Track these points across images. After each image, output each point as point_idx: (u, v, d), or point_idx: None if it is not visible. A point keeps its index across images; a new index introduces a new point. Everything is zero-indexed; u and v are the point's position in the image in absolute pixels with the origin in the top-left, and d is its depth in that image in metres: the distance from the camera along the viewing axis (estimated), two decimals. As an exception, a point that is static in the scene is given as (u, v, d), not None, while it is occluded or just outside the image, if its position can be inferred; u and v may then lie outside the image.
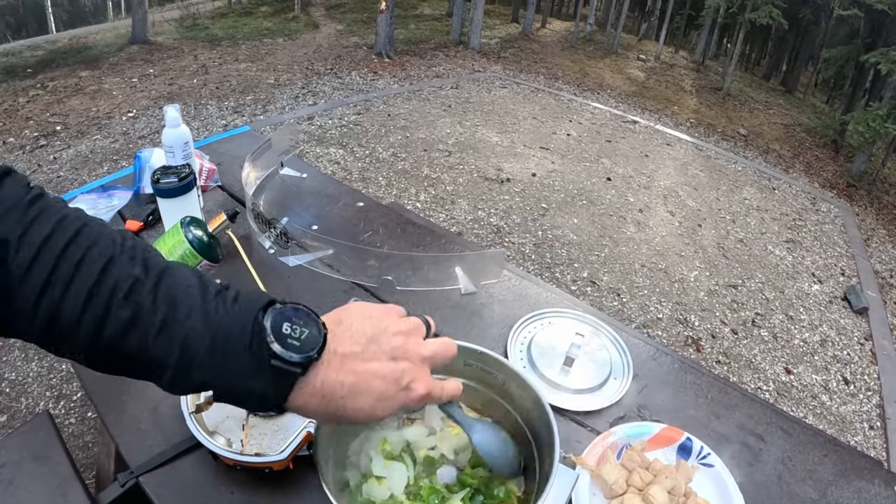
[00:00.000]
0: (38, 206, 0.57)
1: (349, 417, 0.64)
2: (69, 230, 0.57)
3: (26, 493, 1.22)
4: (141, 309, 0.56)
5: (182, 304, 0.57)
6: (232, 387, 0.58)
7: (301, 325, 0.61)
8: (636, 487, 1.07)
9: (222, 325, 0.58)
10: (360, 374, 0.63)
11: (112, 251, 0.58)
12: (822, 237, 6.25)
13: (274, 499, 1.04)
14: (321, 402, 0.62)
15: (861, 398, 3.88)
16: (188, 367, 0.57)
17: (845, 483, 1.18)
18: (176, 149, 1.76)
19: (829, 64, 12.27)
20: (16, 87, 7.32)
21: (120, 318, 0.55)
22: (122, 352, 0.56)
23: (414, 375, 0.67)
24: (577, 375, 1.34)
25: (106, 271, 0.56)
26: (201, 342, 0.57)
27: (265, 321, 0.59)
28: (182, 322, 0.57)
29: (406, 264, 1.59)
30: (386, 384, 0.65)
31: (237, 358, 0.57)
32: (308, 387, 0.60)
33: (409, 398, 0.67)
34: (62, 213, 0.58)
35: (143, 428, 1.16)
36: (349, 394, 0.63)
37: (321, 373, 0.61)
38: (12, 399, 2.89)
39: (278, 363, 0.58)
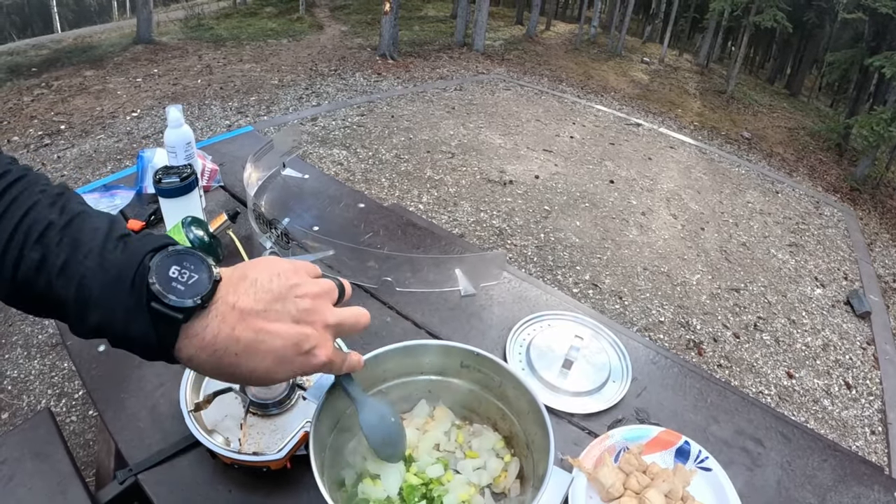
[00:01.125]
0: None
1: (243, 377, 0.62)
2: (7, 180, 0.61)
3: (26, 491, 1.22)
4: (48, 250, 0.57)
5: (83, 246, 0.58)
6: (118, 328, 0.57)
7: (191, 270, 0.59)
8: (633, 491, 1.07)
9: (114, 265, 0.57)
10: (258, 333, 0.61)
11: (37, 198, 0.60)
12: (825, 241, 6.24)
13: (271, 498, 1.05)
14: (212, 356, 0.60)
15: (863, 403, 3.87)
16: (84, 306, 0.57)
17: (844, 488, 1.18)
18: (178, 149, 1.77)
19: (833, 67, 12.25)
20: (20, 87, 7.34)
21: (31, 259, 0.57)
22: (35, 292, 0.58)
23: (317, 342, 0.65)
24: (576, 378, 1.34)
25: (26, 215, 0.59)
26: (94, 280, 0.57)
27: (151, 262, 0.58)
28: (80, 262, 0.57)
29: (406, 266, 1.59)
30: (286, 347, 0.62)
31: (122, 297, 0.57)
32: (196, 338, 0.59)
33: (309, 364, 0.65)
34: (5, 168, 0.62)
35: (142, 426, 1.17)
36: (244, 352, 0.60)
37: (213, 325, 0.59)
38: (14, 397, 2.90)
39: (157, 306, 0.56)
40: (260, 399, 1.10)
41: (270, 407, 1.11)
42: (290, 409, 1.14)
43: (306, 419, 1.01)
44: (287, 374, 0.64)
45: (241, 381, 0.65)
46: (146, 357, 0.60)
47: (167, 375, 1.25)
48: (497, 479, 0.94)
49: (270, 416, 1.11)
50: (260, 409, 1.11)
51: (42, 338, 3.24)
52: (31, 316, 3.12)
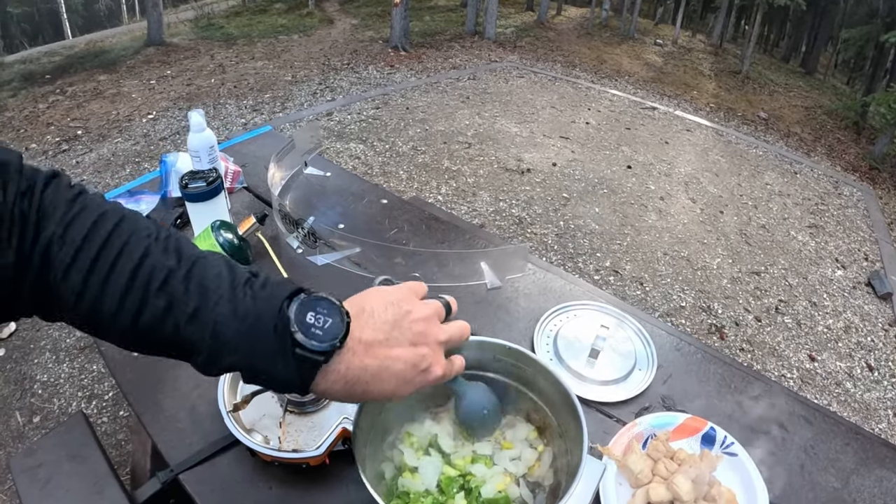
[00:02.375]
0: (79, 203, 0.62)
1: (372, 398, 0.69)
2: (107, 226, 0.61)
3: (63, 492, 1.24)
4: (174, 298, 0.60)
5: (212, 292, 0.61)
6: (258, 370, 0.62)
7: (325, 315, 0.63)
8: (661, 477, 1.09)
9: (250, 313, 0.61)
10: (382, 360, 0.67)
11: (147, 244, 0.62)
12: (844, 222, 6.17)
13: (311, 493, 1.08)
14: (345, 386, 0.66)
15: (885, 385, 3.84)
16: (219, 350, 0.61)
17: (867, 471, 1.19)
18: (202, 153, 1.79)
19: (848, 44, 12.08)
20: (35, 94, 7.39)
21: (156, 307, 0.59)
22: (159, 337, 0.61)
23: (432, 360, 0.72)
24: (603, 367, 1.36)
25: (142, 264, 0.60)
26: (229, 328, 0.60)
27: (289, 311, 0.62)
28: (212, 309, 0.60)
29: (432, 261, 1.61)
30: (406, 368, 0.69)
31: (263, 344, 0.61)
32: (332, 373, 0.64)
33: (426, 379, 0.72)
34: (101, 210, 0.62)
35: (181, 427, 1.20)
36: (372, 378, 0.66)
37: (345, 359, 0.65)
38: (45, 400, 2.95)
39: (302, 352, 0.61)
40: (297, 398, 1.13)
41: (307, 405, 1.14)
42: (327, 406, 1.16)
43: (343, 415, 1.03)
44: (408, 391, 0.71)
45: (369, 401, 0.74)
46: (279, 391, 0.67)
47: (202, 377, 1.28)
48: (531, 469, 0.96)
49: (307, 413, 1.14)
50: (297, 406, 1.14)
51: (70, 341, 3.29)
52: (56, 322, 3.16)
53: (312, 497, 1.07)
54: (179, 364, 1.32)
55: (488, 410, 0.94)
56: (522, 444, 0.99)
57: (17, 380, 3.06)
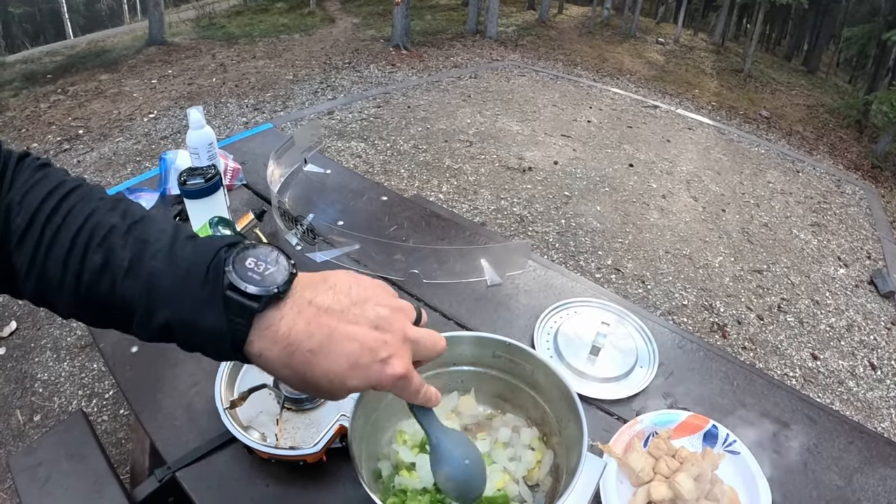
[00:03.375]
0: (40, 172, 0.61)
1: (314, 378, 0.59)
2: (62, 191, 0.60)
3: (63, 491, 1.24)
4: (112, 253, 0.57)
5: (150, 246, 0.58)
6: (188, 322, 0.56)
7: (267, 262, 0.58)
8: (663, 475, 1.08)
9: (185, 261, 0.57)
10: (334, 331, 0.59)
11: (95, 205, 0.60)
12: (847, 220, 6.16)
13: (308, 490, 1.07)
14: (284, 350, 0.57)
15: (888, 383, 3.83)
16: (153, 304, 0.56)
17: (871, 470, 1.19)
18: (201, 150, 1.79)
19: (850, 43, 12.07)
20: (37, 93, 7.40)
21: (94, 262, 0.57)
22: (98, 296, 0.57)
23: (394, 350, 0.62)
24: (604, 364, 1.35)
25: (86, 222, 0.58)
26: (163, 278, 0.56)
27: (227, 254, 0.58)
28: (147, 262, 0.57)
29: (432, 257, 1.60)
30: (362, 350, 0.59)
31: (193, 289, 0.56)
32: (269, 329, 0.57)
33: (384, 373, 0.61)
34: (60, 179, 0.62)
35: (179, 424, 1.19)
36: (318, 348, 0.58)
37: (288, 317, 0.58)
38: (45, 399, 2.95)
39: (232, 294, 0.56)
40: (294, 394, 1.12)
41: (305, 402, 1.13)
42: (324, 403, 1.16)
43: (340, 413, 1.02)
44: (361, 383, 0.61)
45: (313, 386, 0.60)
46: (216, 354, 0.59)
47: (201, 374, 1.28)
48: (531, 472, 0.95)
49: (305, 410, 1.13)
50: (294, 404, 1.13)
51: (71, 340, 3.29)
52: (59, 318, 3.14)
53: (309, 494, 1.06)
54: (178, 362, 1.32)
55: (470, 463, 0.77)
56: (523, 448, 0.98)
57: (18, 378, 3.05)
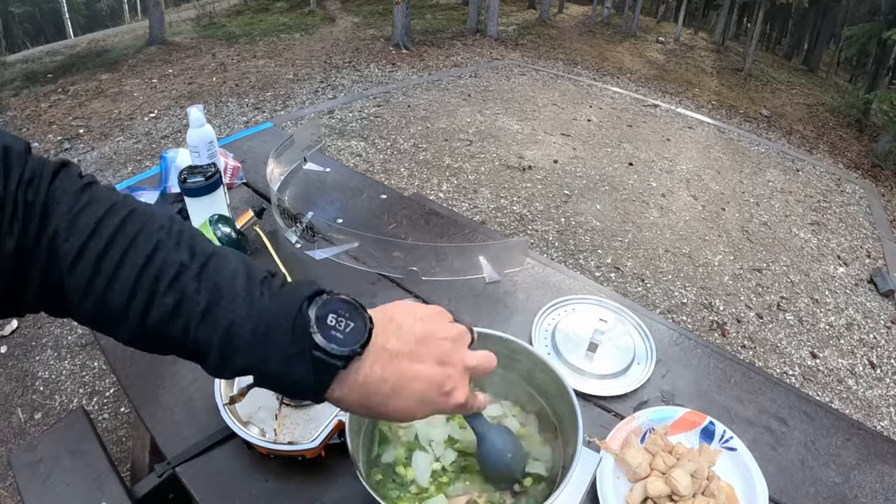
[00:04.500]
0: (87, 194, 0.58)
1: (387, 415, 0.64)
2: (117, 217, 0.58)
3: (64, 487, 1.25)
4: (185, 296, 0.56)
5: (226, 291, 0.58)
6: (272, 373, 0.58)
7: (346, 318, 0.60)
8: (659, 471, 1.09)
9: (266, 313, 0.58)
10: (405, 374, 0.63)
11: (158, 238, 0.58)
12: (847, 219, 6.16)
13: (306, 485, 1.07)
14: (361, 396, 0.61)
15: (888, 382, 3.83)
16: (231, 352, 0.57)
17: (868, 467, 1.19)
18: (201, 148, 1.79)
19: (850, 42, 12.07)
20: (37, 93, 7.42)
21: (165, 304, 0.56)
22: (167, 336, 0.57)
23: (456, 383, 0.67)
24: (601, 361, 1.36)
25: (152, 258, 0.57)
26: (243, 328, 0.57)
27: (310, 310, 0.59)
28: (225, 308, 0.57)
29: (431, 255, 1.61)
30: (429, 387, 0.64)
31: (279, 345, 0.57)
32: (349, 379, 0.60)
33: (447, 404, 0.67)
34: (110, 202, 0.59)
35: (178, 420, 1.20)
36: (392, 392, 0.62)
37: (365, 367, 0.61)
38: (46, 397, 2.95)
39: (320, 354, 0.57)
40: (294, 390, 1.12)
41: (303, 398, 1.14)
42: (323, 399, 1.16)
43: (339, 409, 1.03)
44: (426, 413, 0.66)
45: (383, 419, 0.68)
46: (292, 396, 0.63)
47: (201, 371, 1.28)
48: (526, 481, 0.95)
49: (303, 406, 1.14)
50: (293, 400, 1.13)
51: (72, 338, 3.29)
52: (59, 319, 3.16)
53: (308, 489, 1.07)
54: (178, 360, 1.32)
55: (512, 455, 0.88)
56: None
57: (19, 377, 3.06)
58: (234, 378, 0.61)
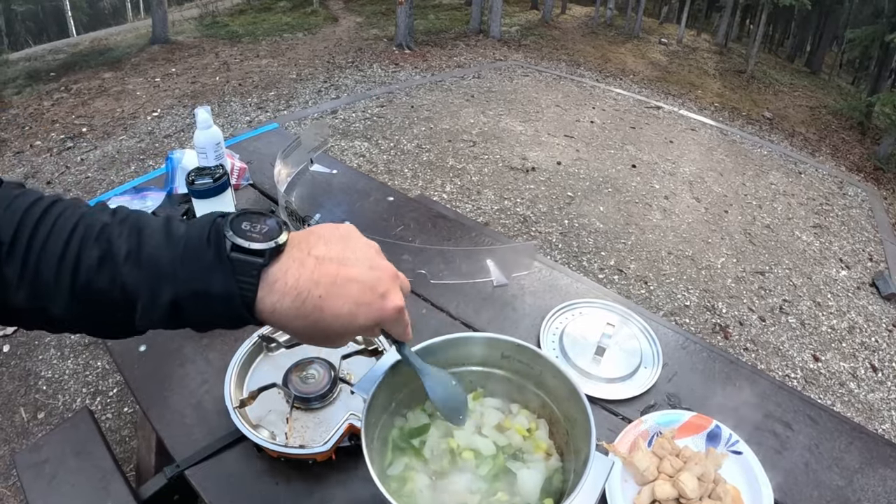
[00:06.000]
0: (18, 191, 0.61)
1: (326, 322, 0.63)
2: (45, 202, 0.61)
3: (69, 488, 1.25)
4: (109, 244, 0.58)
5: (146, 231, 0.60)
6: (197, 293, 0.59)
7: (261, 223, 0.62)
8: (667, 474, 1.10)
9: (183, 236, 0.60)
10: (337, 275, 0.63)
11: (83, 210, 0.61)
12: (849, 222, 6.16)
13: (317, 488, 1.08)
14: (296, 301, 0.61)
15: (889, 385, 3.84)
16: (156, 285, 0.58)
17: (871, 471, 1.20)
18: (208, 150, 1.80)
19: (853, 44, 12.06)
20: (40, 91, 7.42)
21: (91, 257, 0.58)
22: (97, 290, 0.58)
23: (390, 285, 0.67)
24: (608, 365, 1.36)
25: (78, 223, 0.59)
26: (164, 255, 0.59)
27: (223, 221, 0.61)
28: (146, 243, 0.59)
29: (438, 258, 1.62)
30: (363, 289, 0.64)
31: (197, 260, 0.59)
32: (278, 283, 0.60)
33: (385, 308, 0.66)
34: (38, 195, 0.62)
35: (188, 423, 1.20)
36: (326, 293, 0.62)
37: (293, 269, 0.61)
38: (49, 396, 2.95)
39: (237, 254, 0.59)
40: (303, 393, 1.13)
41: (313, 401, 1.15)
42: (333, 402, 1.17)
43: (349, 412, 1.04)
44: (368, 319, 0.65)
45: (325, 331, 0.64)
46: (229, 321, 0.62)
47: (210, 373, 1.29)
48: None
49: (313, 409, 1.15)
50: (304, 403, 1.14)
51: (75, 338, 3.29)
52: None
53: (319, 493, 1.08)
54: (187, 361, 1.33)
55: (456, 383, 0.91)
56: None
57: (22, 376, 3.06)
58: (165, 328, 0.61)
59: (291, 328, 0.64)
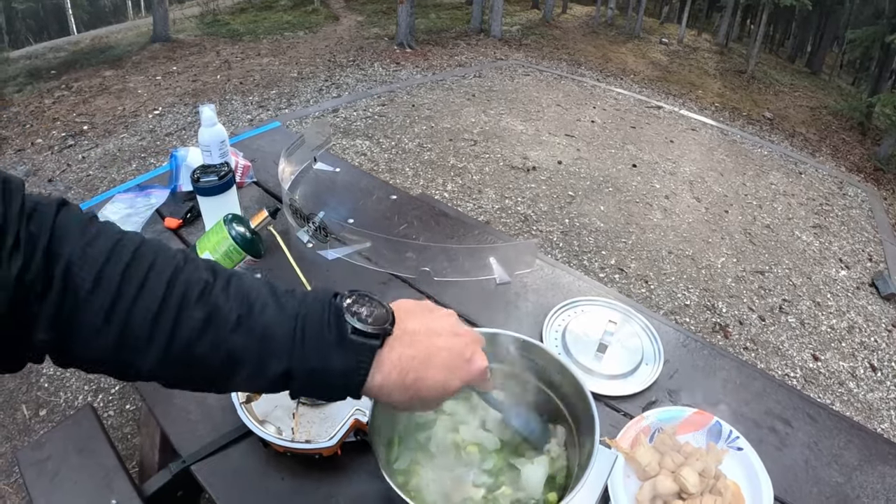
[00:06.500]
0: (94, 226, 0.59)
1: (426, 390, 0.68)
2: (131, 245, 0.59)
3: (72, 485, 1.25)
4: (216, 308, 0.59)
5: (256, 301, 0.61)
6: (311, 369, 0.62)
7: (369, 306, 0.66)
8: (668, 469, 1.11)
9: (300, 312, 0.62)
10: (429, 347, 0.68)
11: (176, 262, 0.60)
12: (849, 222, 6.17)
13: (323, 483, 1.09)
14: (399, 376, 0.65)
15: (888, 385, 3.85)
16: (267, 356, 0.60)
17: (870, 468, 1.21)
18: (213, 148, 1.81)
19: (854, 45, 12.05)
20: (41, 89, 7.41)
21: (194, 319, 0.57)
22: (195, 354, 0.58)
23: (474, 349, 0.73)
24: (610, 361, 1.38)
25: (175, 278, 0.58)
26: (280, 328, 0.61)
27: (340, 302, 0.65)
28: (259, 314, 0.60)
29: (442, 256, 1.63)
30: (452, 355, 0.70)
31: (316, 339, 0.62)
32: (386, 362, 0.65)
33: (472, 370, 0.72)
34: (120, 233, 0.60)
35: (193, 419, 1.21)
36: (422, 366, 0.67)
37: (396, 346, 0.66)
38: (51, 394, 2.96)
39: (357, 337, 0.63)
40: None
41: (319, 397, 1.15)
42: (339, 398, 1.18)
43: (355, 407, 1.05)
44: (460, 382, 0.71)
45: (425, 399, 0.69)
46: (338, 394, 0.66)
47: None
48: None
49: (319, 405, 1.15)
50: (310, 399, 1.15)
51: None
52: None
53: (325, 488, 1.08)
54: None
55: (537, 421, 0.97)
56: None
57: (23, 373, 3.06)
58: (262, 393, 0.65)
59: (394, 400, 0.68)
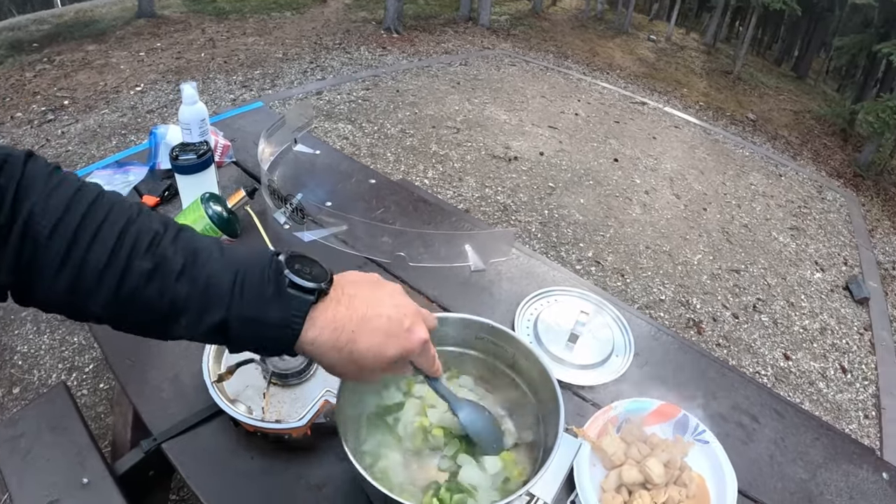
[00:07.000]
0: (56, 177, 0.63)
1: (359, 353, 0.69)
2: (88, 196, 0.63)
3: (45, 462, 1.24)
4: (163, 258, 0.62)
5: (201, 252, 0.64)
6: (252, 319, 0.64)
7: (310, 266, 0.69)
8: (634, 459, 1.12)
9: (242, 264, 0.65)
10: (367, 311, 0.70)
11: (130, 213, 0.64)
12: (826, 226, 6.23)
13: (292, 463, 1.09)
14: (333, 334, 0.67)
15: (857, 387, 3.91)
16: (208, 305, 0.63)
17: (835, 466, 1.23)
18: (193, 126, 1.80)
19: (841, 52, 12.14)
20: (22, 62, 7.27)
21: (142, 268, 0.61)
22: (141, 300, 0.62)
23: (414, 320, 0.74)
24: (581, 352, 1.39)
25: (127, 228, 0.62)
26: (222, 278, 0.63)
27: (280, 257, 0.67)
28: (203, 264, 0.63)
29: (418, 241, 1.63)
30: (390, 322, 0.71)
31: (255, 290, 0.64)
32: (320, 318, 0.67)
33: (411, 338, 0.73)
34: (80, 183, 0.64)
35: (165, 397, 1.21)
36: (358, 327, 0.68)
37: (331, 307, 0.68)
38: (25, 371, 2.93)
39: (294, 291, 0.65)
40: (281, 369, 1.14)
41: (290, 377, 1.16)
42: (309, 378, 1.18)
43: (326, 388, 1.05)
44: (397, 350, 0.71)
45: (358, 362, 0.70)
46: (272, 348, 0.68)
47: (189, 348, 1.29)
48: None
49: (290, 385, 1.16)
50: (281, 379, 1.15)
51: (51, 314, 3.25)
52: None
53: (294, 468, 1.09)
54: (165, 334, 1.33)
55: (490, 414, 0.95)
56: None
57: (-3, 351, 3.04)
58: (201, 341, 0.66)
59: (327, 359, 0.70)
